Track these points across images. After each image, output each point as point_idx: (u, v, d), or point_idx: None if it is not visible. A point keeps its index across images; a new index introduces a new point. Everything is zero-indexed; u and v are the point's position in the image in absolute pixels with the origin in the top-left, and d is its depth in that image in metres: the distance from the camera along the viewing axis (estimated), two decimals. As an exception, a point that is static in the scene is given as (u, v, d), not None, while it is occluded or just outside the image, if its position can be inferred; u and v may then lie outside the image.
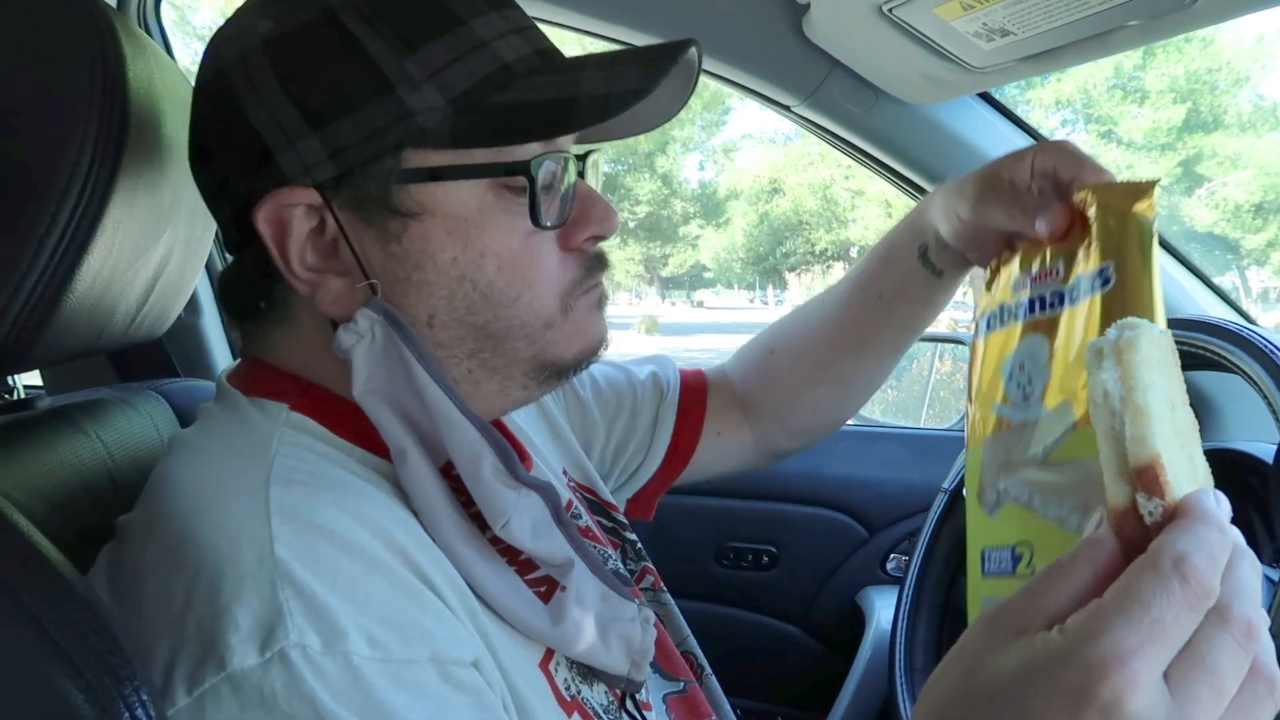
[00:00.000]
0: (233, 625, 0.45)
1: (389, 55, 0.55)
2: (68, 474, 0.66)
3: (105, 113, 0.53)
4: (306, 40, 0.56)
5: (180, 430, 0.64)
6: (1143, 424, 0.38)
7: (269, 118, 0.55)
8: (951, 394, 1.92)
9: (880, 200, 19.87)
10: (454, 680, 0.50)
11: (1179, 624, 0.35)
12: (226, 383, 0.64)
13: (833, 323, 0.88)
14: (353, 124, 0.55)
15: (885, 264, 0.83)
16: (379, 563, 0.50)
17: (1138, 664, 0.34)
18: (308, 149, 0.55)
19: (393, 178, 0.56)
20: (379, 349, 0.57)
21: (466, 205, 0.57)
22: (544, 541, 0.58)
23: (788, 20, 1.08)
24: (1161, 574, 0.35)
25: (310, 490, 0.52)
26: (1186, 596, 0.35)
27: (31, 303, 0.52)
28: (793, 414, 0.93)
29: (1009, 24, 0.90)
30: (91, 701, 0.41)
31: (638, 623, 0.64)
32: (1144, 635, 0.34)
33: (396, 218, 0.57)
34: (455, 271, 0.58)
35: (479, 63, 0.57)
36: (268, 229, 0.57)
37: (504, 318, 0.59)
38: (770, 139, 24.85)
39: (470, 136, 0.56)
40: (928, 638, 1.06)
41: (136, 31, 0.60)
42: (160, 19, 1.38)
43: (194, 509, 0.52)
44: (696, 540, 1.59)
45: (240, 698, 0.44)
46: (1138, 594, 0.35)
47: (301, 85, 0.55)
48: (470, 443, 0.56)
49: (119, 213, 0.56)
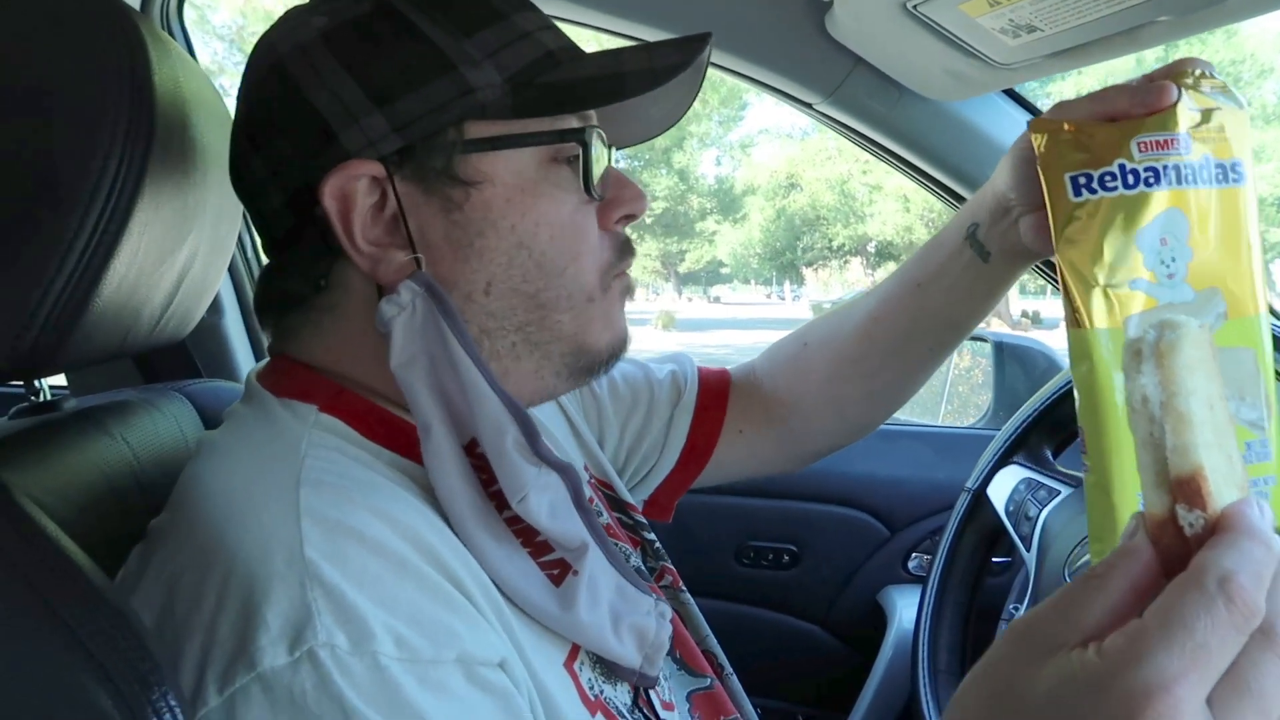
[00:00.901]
0: (263, 625, 0.46)
1: (448, 38, 0.59)
2: (93, 476, 0.67)
3: (132, 117, 0.53)
4: (365, 28, 0.60)
5: (209, 432, 0.64)
6: (1184, 433, 0.36)
7: (332, 98, 0.58)
8: (970, 390, 1.91)
9: (898, 195, 19.78)
10: (480, 681, 0.50)
11: (1224, 647, 0.33)
12: (256, 382, 0.64)
13: (868, 314, 0.86)
14: (418, 99, 0.58)
15: (930, 248, 0.81)
16: (407, 564, 0.50)
17: (1181, 691, 0.32)
18: (372, 124, 0.58)
19: (456, 149, 0.59)
20: (419, 321, 0.59)
21: (523, 175, 0.61)
22: (561, 522, 0.58)
23: (810, 17, 1.07)
24: (1206, 594, 0.34)
25: (339, 492, 0.52)
26: (1232, 618, 0.33)
27: (59, 306, 0.52)
28: (819, 412, 0.91)
29: (1036, 20, 0.89)
30: (121, 708, 0.41)
31: (653, 617, 0.64)
32: (1188, 660, 0.33)
33: (459, 186, 0.59)
34: (514, 238, 0.60)
35: (527, 48, 0.61)
36: (333, 204, 0.58)
37: (554, 286, 0.62)
38: (788, 134, 24.81)
39: (530, 108, 0.60)
40: (951, 639, 1.06)
41: (161, 35, 0.60)
42: (183, 21, 1.38)
43: (224, 512, 0.52)
44: (717, 539, 1.59)
45: (270, 697, 0.45)
46: (1180, 616, 0.34)
47: (364, 67, 0.59)
48: (496, 415, 0.57)
49: (145, 216, 0.56)
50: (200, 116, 0.65)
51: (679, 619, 0.80)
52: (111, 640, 0.42)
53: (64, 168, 0.51)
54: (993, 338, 1.65)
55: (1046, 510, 0.98)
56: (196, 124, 0.64)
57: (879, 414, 0.92)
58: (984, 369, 1.72)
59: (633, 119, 0.70)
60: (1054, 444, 1.07)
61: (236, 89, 0.64)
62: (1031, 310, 24.33)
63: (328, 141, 0.58)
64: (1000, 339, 1.64)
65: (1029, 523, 0.99)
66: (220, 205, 0.73)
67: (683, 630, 0.80)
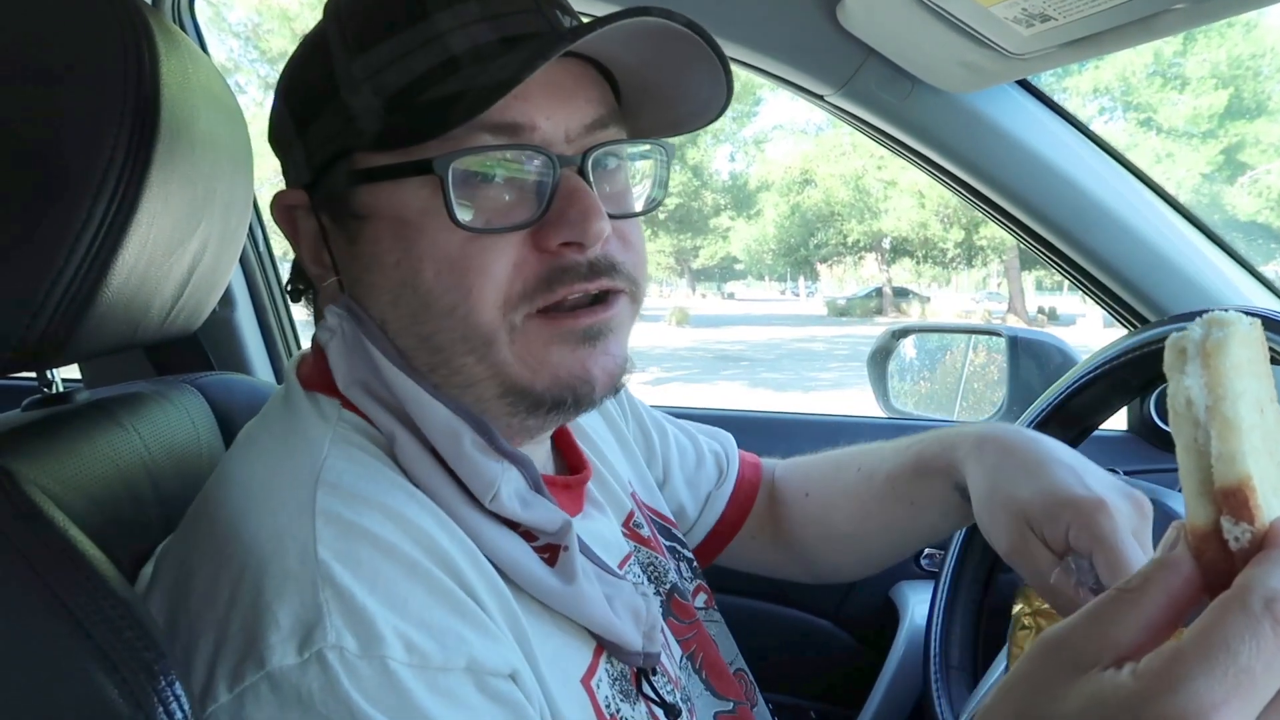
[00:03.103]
0: (274, 624, 0.46)
1: (341, 58, 0.57)
2: (105, 467, 0.67)
3: (139, 109, 0.53)
4: (303, 52, 0.62)
5: (249, 423, 0.65)
6: (1232, 440, 0.33)
7: (277, 125, 0.62)
8: (985, 386, 1.90)
9: (913, 191, 19.67)
10: (490, 691, 0.50)
11: (1270, 673, 0.31)
12: (293, 370, 0.65)
13: (863, 504, 0.90)
14: (317, 129, 0.59)
15: (920, 477, 0.85)
16: (419, 569, 0.50)
17: (1224, 715, 0.30)
18: (296, 154, 0.61)
19: (345, 180, 0.58)
20: (349, 343, 0.59)
21: (408, 208, 0.56)
22: (535, 510, 0.58)
23: (822, 8, 1.07)
24: (1250, 615, 0.31)
25: (355, 493, 0.52)
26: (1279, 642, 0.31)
27: (68, 297, 0.52)
28: (819, 555, 0.95)
29: (1050, 9, 0.88)
30: (126, 696, 0.41)
31: (639, 595, 0.64)
32: (1230, 687, 0.31)
33: (353, 219, 0.59)
34: (398, 275, 0.57)
35: (422, 58, 0.55)
36: (285, 227, 0.63)
37: (445, 329, 0.57)
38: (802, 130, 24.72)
39: (395, 137, 0.55)
40: (964, 635, 1.05)
41: (171, 28, 0.60)
42: (194, 16, 1.39)
43: (243, 507, 0.53)
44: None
45: (278, 696, 0.45)
46: (1223, 638, 0.31)
47: (292, 95, 0.61)
48: (445, 421, 0.57)
49: (153, 207, 0.56)
50: (210, 110, 0.65)
51: (709, 640, 0.81)
52: (116, 628, 0.42)
53: (71, 159, 0.51)
54: (1007, 332, 1.63)
55: (1060, 505, 0.97)
56: (206, 117, 0.64)
57: (869, 572, 0.96)
58: (999, 365, 1.71)
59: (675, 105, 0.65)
60: (1068, 438, 1.06)
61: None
62: (1048, 306, 24.19)
63: (284, 172, 0.63)
64: (1015, 333, 1.62)
65: (1042, 517, 0.98)
66: (231, 197, 0.73)
67: (714, 651, 0.80)
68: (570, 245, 0.56)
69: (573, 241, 0.56)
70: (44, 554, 0.43)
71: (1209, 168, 17.37)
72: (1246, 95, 17.58)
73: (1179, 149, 17.47)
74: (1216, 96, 16.91)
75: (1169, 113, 17.50)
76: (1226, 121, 17.27)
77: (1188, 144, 17.47)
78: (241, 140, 0.75)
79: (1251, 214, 17.85)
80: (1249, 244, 18.53)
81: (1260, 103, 17.75)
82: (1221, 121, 17.23)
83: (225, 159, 0.70)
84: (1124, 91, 18.25)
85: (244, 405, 0.92)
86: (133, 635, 0.43)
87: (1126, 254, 1.22)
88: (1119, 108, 19.37)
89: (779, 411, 1.69)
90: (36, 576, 0.42)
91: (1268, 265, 20.14)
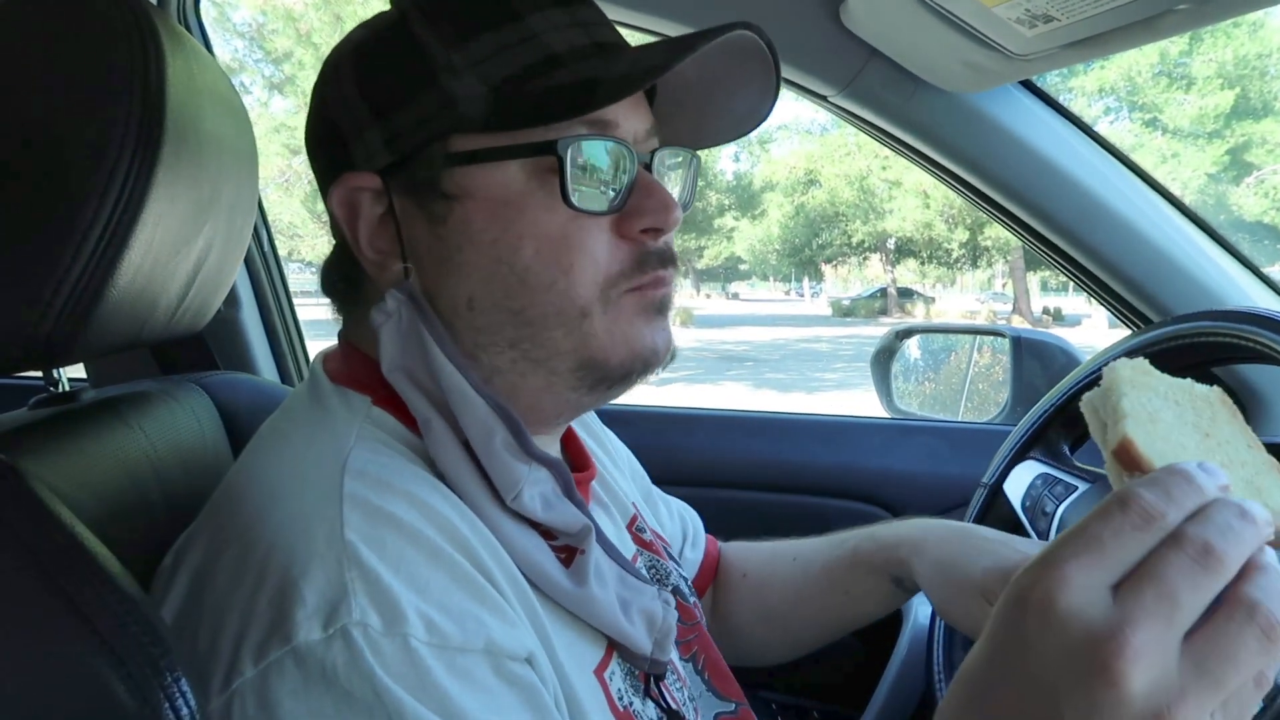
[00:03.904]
0: (299, 601, 0.47)
1: (439, 48, 0.60)
2: (111, 465, 0.68)
3: (145, 110, 0.53)
4: (380, 41, 0.62)
5: (271, 416, 0.66)
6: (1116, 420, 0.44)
7: (345, 111, 0.62)
8: (990, 388, 1.90)
9: (918, 191, 19.64)
10: (506, 674, 0.51)
11: (1118, 540, 0.37)
12: (319, 365, 0.67)
13: (798, 590, 0.94)
14: (406, 113, 0.60)
15: (856, 570, 0.91)
16: (441, 554, 0.52)
17: (1069, 568, 0.37)
18: (371, 138, 0.61)
19: (439, 162, 0.60)
20: (404, 328, 0.60)
21: (508, 189, 0.59)
22: (557, 512, 0.60)
23: (825, 8, 1.07)
24: (1105, 505, 0.38)
25: (382, 481, 0.54)
26: (1127, 518, 0.38)
27: (75, 296, 0.53)
28: (745, 640, 0.98)
29: (1052, 9, 0.88)
30: (132, 691, 0.42)
31: (659, 602, 0.65)
32: (1077, 547, 0.38)
33: (442, 200, 0.60)
34: (493, 253, 0.60)
35: (524, 54, 0.60)
36: (340, 211, 0.62)
37: (540, 303, 0.60)
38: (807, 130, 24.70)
39: (504, 120, 0.59)
40: (966, 636, 1.05)
41: (176, 28, 0.61)
42: (200, 16, 1.39)
43: (270, 492, 0.55)
44: (731, 534, 1.58)
45: (303, 670, 0.46)
46: (1083, 525, 0.38)
47: (371, 81, 0.61)
48: (482, 417, 0.58)
49: (159, 208, 0.56)
50: (215, 111, 0.66)
51: (710, 642, 0.82)
52: (123, 623, 0.43)
53: (77, 160, 0.51)
54: (1010, 333, 1.63)
55: (1063, 506, 0.97)
56: (211, 118, 0.65)
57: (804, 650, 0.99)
58: (1004, 366, 1.70)
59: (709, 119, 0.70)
60: (1071, 439, 1.06)
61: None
62: (1053, 307, 24.15)
63: (342, 152, 0.62)
64: (1018, 334, 1.62)
65: (1046, 518, 0.98)
66: (236, 198, 0.73)
67: (715, 652, 0.82)
68: (648, 232, 0.62)
69: (652, 228, 0.62)
70: (51, 550, 0.44)
71: (1215, 168, 17.31)
72: (1253, 95, 17.53)
73: (1185, 149, 17.42)
74: (1223, 96, 16.86)
75: (1175, 113, 17.45)
76: (1233, 121, 17.22)
77: (1194, 144, 17.42)
78: (246, 140, 0.76)
79: (1258, 214, 17.80)
80: (1255, 244, 18.48)
81: (1267, 103, 17.70)
82: (1228, 121, 17.18)
83: (230, 159, 0.70)
84: (1130, 91, 18.21)
85: (249, 404, 0.93)
86: (139, 630, 0.43)
87: (1130, 254, 1.22)
88: (1124, 108, 19.32)
89: (783, 412, 1.69)
90: (43, 572, 0.43)
91: (1274, 266, 20.08)
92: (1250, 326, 0.84)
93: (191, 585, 0.53)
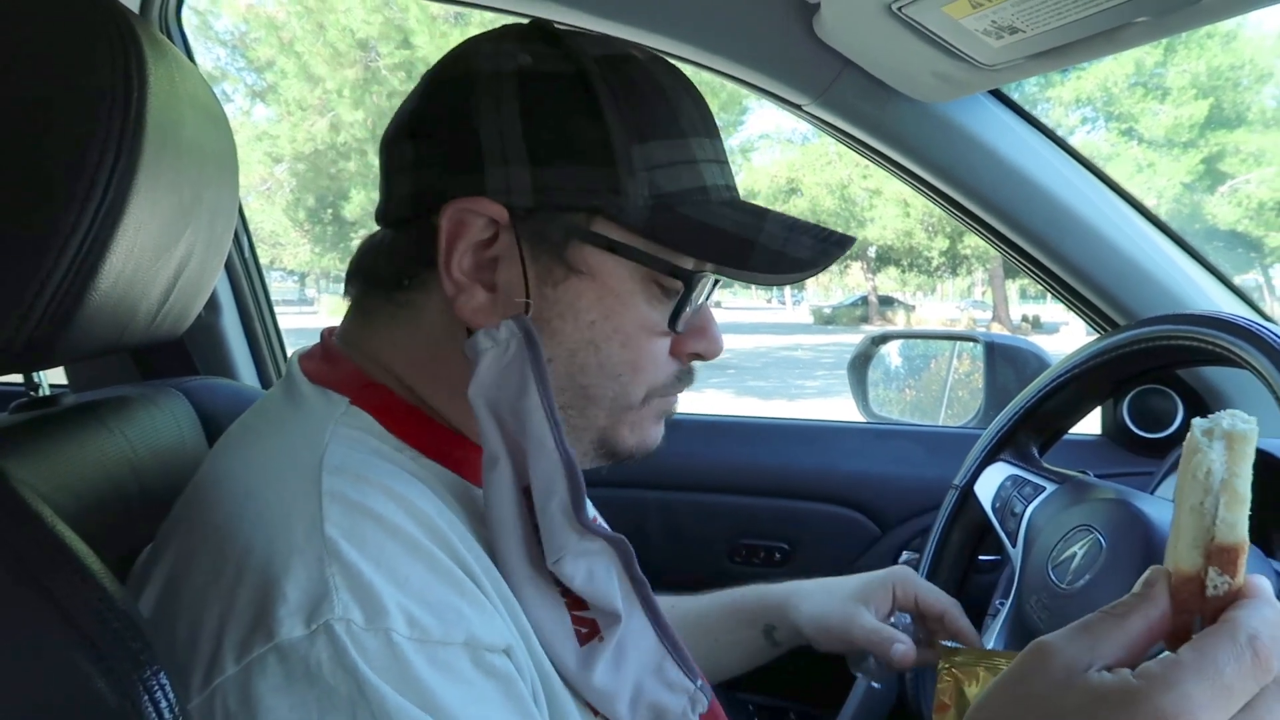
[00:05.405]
0: (281, 598, 0.48)
1: (621, 134, 0.60)
2: (91, 468, 0.68)
3: (126, 117, 0.54)
4: (556, 87, 0.61)
5: (243, 415, 0.66)
6: (1238, 510, 0.42)
7: (497, 134, 0.60)
8: (970, 394, 1.92)
9: (898, 200, 19.75)
10: (485, 666, 0.52)
11: (1244, 691, 0.40)
12: (297, 366, 0.66)
13: None
14: (567, 174, 0.60)
15: (730, 618, 0.98)
16: (420, 547, 0.53)
17: (1204, 717, 0.39)
18: (518, 174, 0.60)
19: (577, 233, 0.61)
20: (508, 360, 0.60)
21: (622, 283, 0.63)
22: (598, 587, 0.59)
23: (799, 19, 1.09)
24: (1237, 645, 0.40)
25: (360, 476, 0.54)
26: (1255, 669, 0.40)
27: (56, 301, 0.54)
28: None
29: (1018, 21, 0.91)
30: (113, 685, 0.42)
31: (685, 701, 0.64)
32: (1213, 694, 0.39)
33: (562, 266, 0.62)
34: (588, 334, 0.63)
35: (686, 176, 0.63)
36: (449, 224, 0.61)
37: (603, 386, 0.64)
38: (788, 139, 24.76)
39: (660, 233, 0.62)
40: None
41: (158, 37, 0.62)
42: (181, 24, 1.40)
43: (247, 489, 0.55)
44: (710, 537, 1.60)
45: (286, 667, 0.47)
46: (1214, 659, 0.40)
47: (538, 121, 0.60)
48: (549, 473, 0.59)
49: (140, 213, 0.57)
50: (196, 118, 0.67)
51: None
52: (103, 619, 0.43)
53: (58, 165, 0.52)
54: (984, 338, 1.66)
55: (1031, 506, 0.99)
56: (192, 125, 0.65)
57: None
58: (984, 372, 1.73)
59: None
60: (1040, 441, 1.09)
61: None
62: (1032, 314, 24.33)
63: (474, 169, 0.60)
64: (991, 339, 1.65)
65: (1015, 519, 1.00)
66: (216, 204, 0.74)
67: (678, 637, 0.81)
68: (694, 355, 0.69)
69: (699, 353, 0.69)
70: (32, 549, 0.45)
71: (1190, 177, 17.49)
72: (1226, 106, 17.74)
73: (1160, 158, 17.61)
74: (1197, 107, 17.06)
75: (1150, 122, 17.63)
76: (1207, 131, 17.42)
77: (1169, 153, 17.62)
78: (227, 147, 0.77)
79: (1231, 223, 18.00)
80: (1229, 253, 18.70)
81: (1240, 113, 17.92)
82: (1202, 131, 17.38)
83: (211, 166, 0.71)
84: (1106, 101, 18.40)
85: (228, 409, 0.93)
86: (120, 626, 0.44)
87: (1097, 260, 1.24)
88: (1101, 117, 19.53)
89: (761, 416, 1.71)
90: (24, 569, 0.44)
91: (1248, 274, 20.30)
92: (1212, 330, 0.87)
93: (167, 583, 0.53)
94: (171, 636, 0.50)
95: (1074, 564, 0.88)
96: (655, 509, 1.57)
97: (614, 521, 0.77)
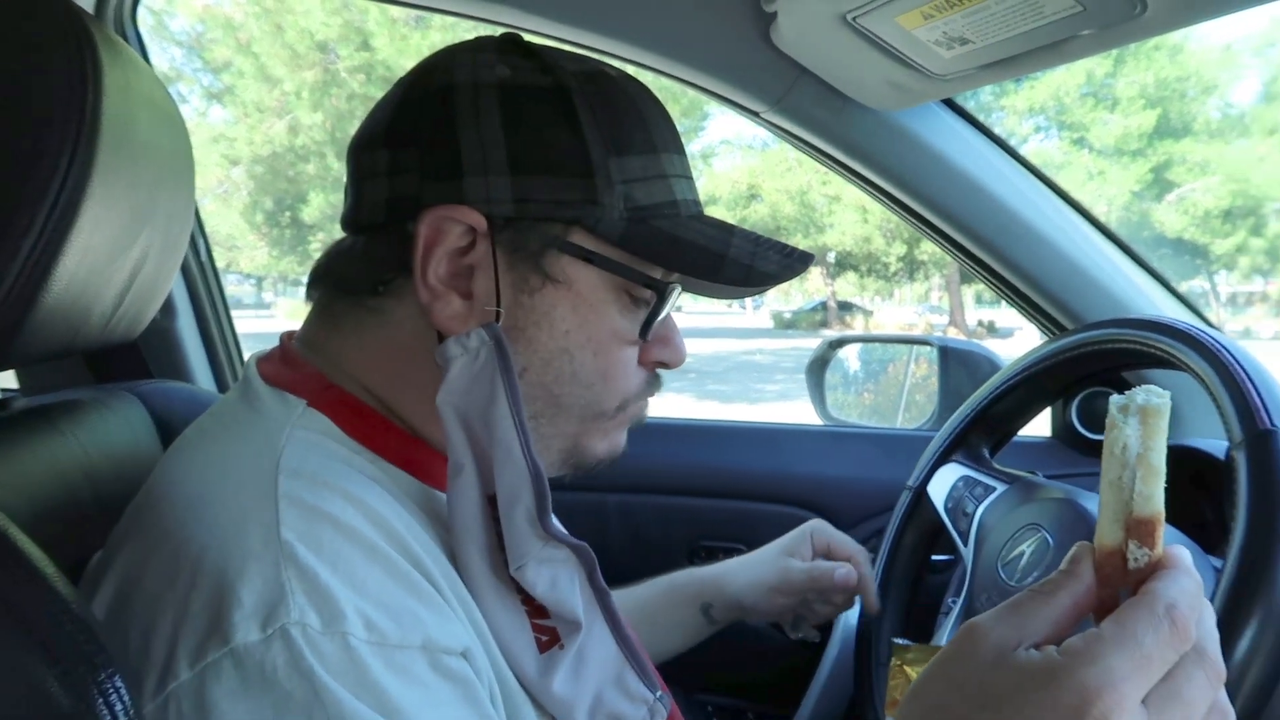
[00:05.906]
0: (236, 602, 0.47)
1: (599, 147, 0.62)
2: (44, 471, 0.67)
3: (81, 118, 0.54)
4: (536, 99, 0.62)
5: (198, 419, 0.66)
6: (1153, 483, 0.43)
7: (478, 144, 0.60)
8: (927, 398, 1.95)
9: (857, 206, 19.95)
10: (442, 669, 0.52)
11: (1163, 660, 0.42)
12: (254, 367, 0.66)
13: None
14: (547, 185, 0.61)
15: (665, 600, 1.04)
16: (378, 551, 0.52)
17: (1127, 689, 0.40)
18: (498, 184, 0.60)
19: (555, 243, 0.62)
20: (478, 368, 0.60)
21: (596, 293, 0.64)
22: (560, 595, 0.60)
23: (756, 28, 1.10)
24: (1155, 616, 0.42)
25: (317, 479, 0.54)
26: (1173, 638, 0.42)
27: (8, 303, 0.53)
28: None
29: (968, 33, 0.93)
30: (68, 689, 0.42)
31: (645, 712, 0.65)
32: (1134, 665, 0.41)
33: (539, 275, 0.62)
34: (563, 342, 0.63)
35: (659, 189, 0.64)
36: (427, 230, 0.61)
37: (575, 394, 0.65)
38: (749, 145, 24.92)
39: (635, 244, 0.63)
40: (894, 632, 1.09)
41: (113, 37, 0.61)
42: (137, 25, 1.38)
43: (201, 493, 0.55)
44: (669, 539, 1.61)
45: (241, 672, 0.46)
46: (1133, 630, 0.41)
47: (519, 132, 0.61)
48: (514, 482, 0.59)
49: (95, 214, 0.57)
50: (152, 119, 0.66)
51: None
52: (57, 622, 0.43)
53: (11, 164, 0.52)
54: (938, 342, 1.69)
55: (982, 506, 1.01)
56: (148, 126, 0.65)
57: None
58: (938, 375, 1.75)
59: None
60: (991, 443, 1.11)
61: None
62: (988, 320, 24.71)
63: (453, 177, 0.60)
64: (945, 343, 1.67)
65: (966, 519, 1.02)
66: (172, 206, 0.73)
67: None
68: (660, 364, 0.71)
69: (664, 361, 0.71)
70: (-15, 551, 0.44)
71: (1139, 185, 17.90)
72: (1174, 116, 18.18)
73: (1110, 167, 18.00)
74: (1145, 117, 17.46)
75: (1100, 132, 18.01)
76: (1155, 141, 17.84)
77: (1118, 162, 18.01)
78: (183, 149, 0.76)
79: (1179, 230, 18.44)
80: (1176, 259, 19.15)
81: (1186, 123, 18.37)
82: (1150, 141, 17.80)
83: (167, 168, 0.70)
84: (1058, 111, 18.76)
85: (183, 413, 0.92)
86: (74, 629, 0.44)
87: (1045, 266, 1.27)
88: (1053, 126, 19.91)
89: (719, 420, 1.72)
90: (-23, 573, 0.43)
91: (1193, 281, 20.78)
92: (1154, 334, 0.89)
93: (120, 587, 0.53)
94: (125, 642, 0.50)
95: (1022, 562, 0.90)
96: (616, 511, 1.58)
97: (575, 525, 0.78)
